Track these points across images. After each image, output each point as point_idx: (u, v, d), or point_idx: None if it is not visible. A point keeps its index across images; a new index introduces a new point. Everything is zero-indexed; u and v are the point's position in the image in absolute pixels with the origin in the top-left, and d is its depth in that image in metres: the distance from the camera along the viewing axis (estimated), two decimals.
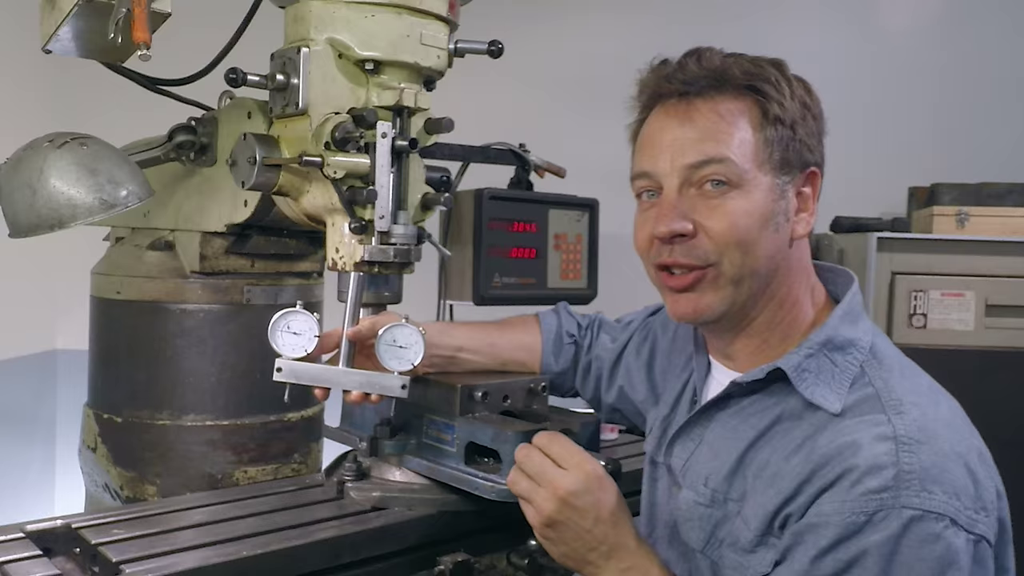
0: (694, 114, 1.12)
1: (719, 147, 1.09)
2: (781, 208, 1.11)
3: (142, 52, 1.30)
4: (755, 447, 1.11)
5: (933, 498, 0.95)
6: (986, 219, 2.79)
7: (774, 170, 1.11)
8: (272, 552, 1.18)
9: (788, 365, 1.10)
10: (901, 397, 1.04)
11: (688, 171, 1.11)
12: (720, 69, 1.12)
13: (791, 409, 1.10)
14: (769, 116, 1.10)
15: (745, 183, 1.09)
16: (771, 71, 1.12)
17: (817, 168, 1.14)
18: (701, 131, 1.11)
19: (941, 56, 3.36)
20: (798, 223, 1.13)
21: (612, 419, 1.60)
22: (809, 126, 1.13)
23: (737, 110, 1.11)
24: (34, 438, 3.18)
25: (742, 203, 1.09)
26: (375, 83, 1.37)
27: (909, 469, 0.96)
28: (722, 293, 1.12)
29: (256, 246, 1.68)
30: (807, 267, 1.18)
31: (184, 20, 1.49)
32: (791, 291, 1.15)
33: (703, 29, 3.17)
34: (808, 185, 1.14)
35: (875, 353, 1.11)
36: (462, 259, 1.89)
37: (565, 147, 2.23)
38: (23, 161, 1.46)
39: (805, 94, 1.14)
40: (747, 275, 1.11)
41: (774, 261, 1.12)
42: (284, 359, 1.28)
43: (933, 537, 0.94)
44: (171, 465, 1.66)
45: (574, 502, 1.11)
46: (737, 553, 1.09)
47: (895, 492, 0.95)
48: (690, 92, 1.13)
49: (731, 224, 1.09)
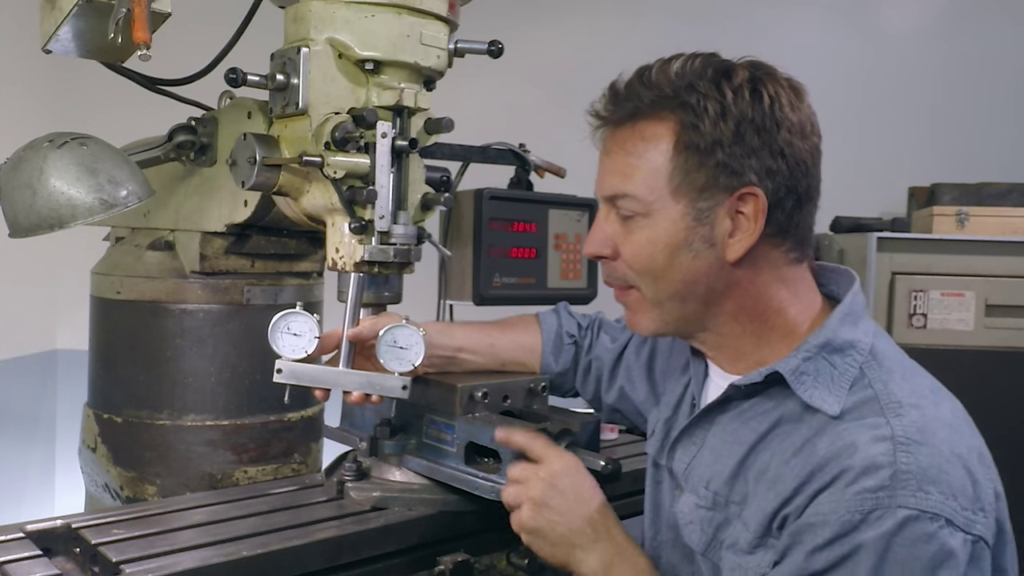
0: (612, 146, 1.15)
1: (623, 182, 1.13)
2: (700, 234, 1.09)
3: (142, 52, 1.30)
4: (756, 451, 1.11)
5: (929, 498, 0.95)
6: (986, 219, 2.79)
7: (691, 194, 1.09)
8: (272, 552, 1.18)
9: (785, 368, 1.09)
10: (901, 399, 1.04)
11: (606, 200, 1.17)
12: (642, 92, 1.11)
13: (790, 412, 1.10)
14: (683, 141, 1.08)
15: (652, 212, 1.11)
16: (702, 86, 1.07)
17: (755, 187, 1.07)
18: (613, 164, 1.15)
19: (941, 56, 3.36)
20: (731, 246, 1.10)
21: (612, 419, 1.60)
22: (748, 144, 1.06)
23: (654, 137, 1.10)
24: (34, 438, 3.19)
25: (646, 233, 1.12)
26: (375, 83, 1.37)
27: (906, 469, 0.96)
28: (650, 315, 1.17)
29: (256, 246, 1.68)
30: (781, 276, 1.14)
31: (184, 20, 1.49)
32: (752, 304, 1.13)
33: (703, 29, 3.19)
34: (747, 205, 1.08)
35: (875, 355, 1.10)
36: (462, 259, 1.89)
37: (565, 147, 2.23)
38: (23, 161, 1.46)
39: (749, 106, 1.06)
40: (665, 299, 1.14)
41: (700, 284, 1.12)
42: (284, 360, 1.28)
43: (927, 537, 0.94)
44: (171, 465, 1.66)
45: (558, 483, 1.18)
46: (736, 554, 1.09)
47: (891, 491, 0.95)
48: (611, 122, 1.15)
49: (634, 252, 1.14)
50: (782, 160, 1.08)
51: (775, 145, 1.07)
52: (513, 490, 1.21)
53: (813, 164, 1.12)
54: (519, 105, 3.17)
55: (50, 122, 1.84)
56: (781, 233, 1.11)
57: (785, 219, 1.10)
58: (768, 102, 1.07)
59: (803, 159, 1.10)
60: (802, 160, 1.10)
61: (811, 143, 1.11)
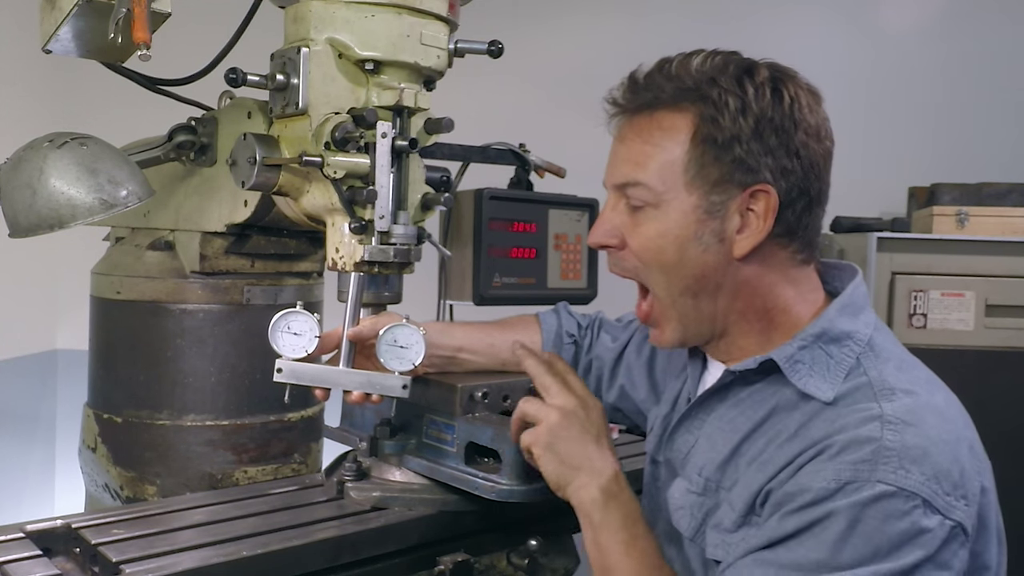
0: (628, 133, 1.15)
1: (636, 170, 1.12)
2: (710, 228, 1.10)
3: (142, 52, 1.30)
4: (750, 438, 1.11)
5: (909, 477, 0.95)
6: (986, 219, 2.79)
7: (704, 187, 1.09)
8: (272, 552, 1.18)
9: (780, 356, 1.10)
10: (894, 386, 1.04)
11: (616, 189, 1.16)
12: (662, 83, 1.11)
13: (786, 400, 1.10)
14: (701, 133, 1.08)
15: (663, 203, 1.11)
16: (724, 81, 1.08)
17: (768, 185, 1.07)
18: (627, 152, 1.14)
19: (941, 56, 3.36)
20: (739, 241, 1.10)
21: (613, 419, 1.60)
22: (766, 142, 1.07)
23: (672, 127, 1.10)
24: (34, 438, 3.19)
25: (656, 224, 1.12)
26: (375, 83, 1.37)
27: (890, 446, 0.96)
28: (671, 322, 1.16)
29: (256, 246, 1.68)
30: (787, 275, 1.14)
31: (184, 20, 1.49)
32: (762, 302, 1.14)
33: (704, 29, 3.19)
34: (758, 203, 1.09)
35: (873, 346, 1.10)
36: (462, 259, 1.89)
37: (565, 147, 2.23)
38: (23, 161, 1.46)
39: (769, 106, 1.07)
40: (677, 295, 1.13)
41: (710, 280, 1.12)
42: (284, 359, 1.28)
43: (900, 514, 0.94)
44: (171, 465, 1.66)
45: (578, 413, 1.18)
46: (720, 533, 1.09)
47: (872, 465, 0.95)
48: (629, 110, 1.15)
49: (643, 243, 1.13)
50: (797, 161, 1.09)
51: (792, 145, 1.08)
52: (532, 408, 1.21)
53: (825, 168, 1.12)
54: (519, 105, 3.17)
55: (50, 122, 1.84)
56: (789, 234, 1.11)
57: (795, 220, 1.10)
58: (788, 102, 1.08)
59: (817, 162, 1.10)
60: (816, 163, 1.10)
61: (825, 147, 1.12)
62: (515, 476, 1.28)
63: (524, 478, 1.28)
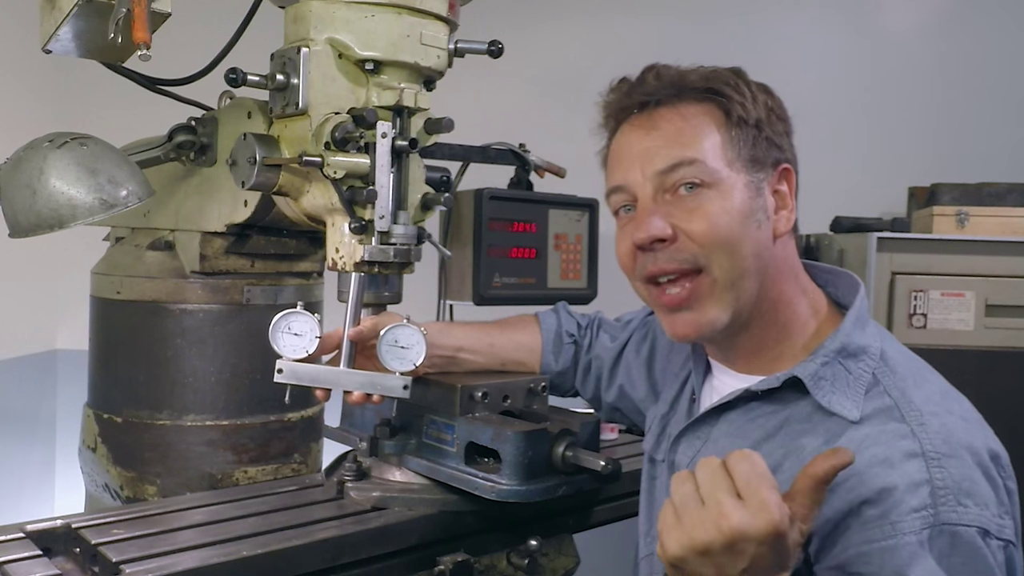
0: (659, 121, 1.13)
1: (686, 150, 1.10)
2: (759, 205, 1.11)
3: (142, 52, 1.30)
4: (761, 448, 1.10)
5: (968, 512, 0.96)
6: (986, 219, 2.79)
7: (746, 168, 1.11)
8: (272, 552, 1.18)
9: (804, 373, 1.09)
10: (920, 408, 1.04)
11: (660, 177, 1.11)
12: (677, 79, 1.14)
13: (799, 413, 1.10)
14: (732, 116, 1.11)
15: (719, 182, 1.10)
16: (729, 76, 1.15)
17: (790, 165, 1.15)
18: (667, 137, 1.12)
19: (941, 56, 3.36)
20: (779, 220, 1.13)
21: (612, 418, 1.60)
22: (775, 126, 1.14)
23: (700, 113, 1.12)
24: (34, 438, 3.18)
25: (719, 202, 1.09)
26: (375, 83, 1.37)
27: (942, 485, 0.96)
28: (722, 303, 1.10)
29: (256, 246, 1.68)
30: (794, 265, 1.17)
31: (184, 20, 1.49)
32: (782, 291, 1.15)
33: (703, 29, 3.19)
34: (783, 182, 1.14)
35: (886, 360, 1.11)
36: (462, 259, 1.89)
37: (565, 147, 2.23)
38: (23, 161, 1.46)
39: (767, 96, 1.15)
40: (739, 277, 1.09)
41: (761, 260, 1.11)
42: (285, 360, 1.28)
43: (974, 549, 0.95)
44: (171, 465, 1.66)
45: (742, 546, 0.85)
46: None
47: (934, 510, 0.95)
48: (651, 103, 1.15)
49: (711, 224, 1.08)
50: (791, 148, 1.16)
51: (790, 131, 1.16)
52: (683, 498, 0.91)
53: None
54: (519, 105, 3.17)
55: (50, 122, 1.84)
56: None
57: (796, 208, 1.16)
58: (777, 98, 1.16)
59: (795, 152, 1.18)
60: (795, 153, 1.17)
61: None
62: (515, 476, 1.28)
63: (524, 478, 1.28)
